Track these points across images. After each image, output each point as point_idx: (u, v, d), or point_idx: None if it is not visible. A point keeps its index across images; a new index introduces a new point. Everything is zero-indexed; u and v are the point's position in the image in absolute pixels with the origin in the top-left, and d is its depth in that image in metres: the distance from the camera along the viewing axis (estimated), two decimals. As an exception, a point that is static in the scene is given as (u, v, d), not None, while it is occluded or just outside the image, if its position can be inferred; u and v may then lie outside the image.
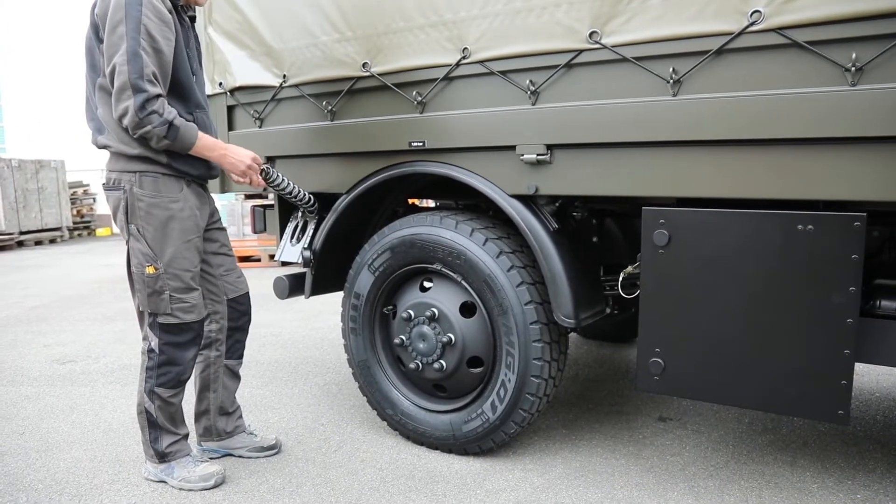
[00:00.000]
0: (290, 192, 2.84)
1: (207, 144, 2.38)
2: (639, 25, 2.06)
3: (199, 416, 2.77)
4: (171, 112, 2.23)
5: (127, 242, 2.42)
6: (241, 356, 2.79)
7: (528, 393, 2.50)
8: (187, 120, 2.33)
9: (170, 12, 2.25)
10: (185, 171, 2.41)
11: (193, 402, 2.76)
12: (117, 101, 2.17)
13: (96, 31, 2.26)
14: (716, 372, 2.13)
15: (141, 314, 2.49)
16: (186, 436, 2.63)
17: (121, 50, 2.12)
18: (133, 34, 2.11)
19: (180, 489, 2.53)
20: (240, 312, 2.73)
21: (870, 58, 1.76)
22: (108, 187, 2.42)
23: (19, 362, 4.37)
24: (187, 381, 2.54)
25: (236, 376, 2.79)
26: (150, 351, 2.45)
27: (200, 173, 2.48)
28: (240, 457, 2.80)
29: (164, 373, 2.45)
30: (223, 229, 2.70)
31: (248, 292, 2.77)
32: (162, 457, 2.55)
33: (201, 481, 2.53)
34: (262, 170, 2.59)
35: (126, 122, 2.19)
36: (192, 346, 2.49)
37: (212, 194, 2.73)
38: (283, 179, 2.77)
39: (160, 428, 2.52)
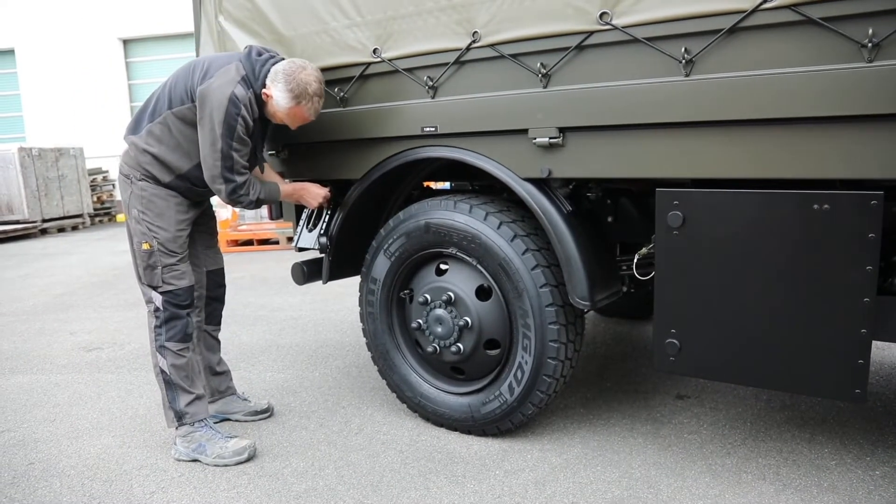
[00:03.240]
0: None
1: (287, 192, 2.92)
2: (650, 5, 2.04)
3: None
4: (254, 191, 2.66)
5: (129, 223, 2.71)
6: (219, 322, 3.09)
7: (545, 374, 2.53)
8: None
9: (254, 121, 2.58)
10: (183, 194, 2.71)
11: None
12: (211, 182, 2.59)
13: (190, 95, 2.56)
14: (732, 352, 2.13)
15: (143, 283, 2.74)
16: (203, 397, 2.77)
17: (217, 146, 2.50)
18: (227, 139, 2.50)
19: (215, 465, 2.64)
20: (216, 284, 3.02)
21: (887, 33, 1.73)
22: (121, 174, 2.72)
23: (47, 350, 4.48)
24: (192, 338, 2.74)
25: (216, 340, 3.09)
26: (156, 310, 2.67)
27: (193, 198, 2.76)
28: (236, 420, 3.06)
29: (171, 327, 2.67)
30: (213, 216, 3.05)
31: (223, 268, 3.07)
32: (180, 416, 2.69)
33: (235, 456, 2.65)
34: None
35: (221, 197, 2.63)
36: (187, 307, 2.72)
37: None
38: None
39: (176, 387, 2.68)
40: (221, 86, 2.48)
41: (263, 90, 2.56)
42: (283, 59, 2.66)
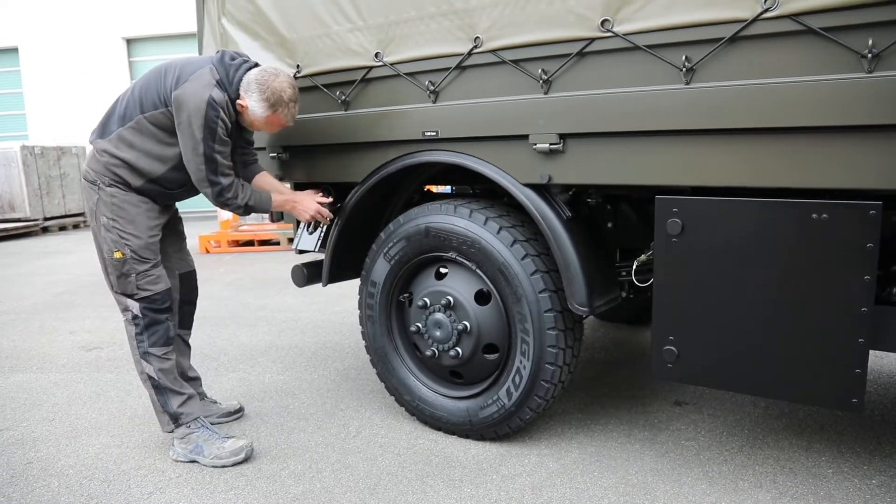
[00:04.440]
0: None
1: (279, 203, 2.87)
2: (651, 13, 2.04)
3: None
4: (244, 196, 2.67)
5: (96, 231, 2.65)
6: (190, 326, 3.06)
7: (543, 380, 2.53)
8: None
9: (232, 123, 2.60)
10: (154, 199, 2.68)
11: None
12: (198, 185, 2.61)
13: (164, 100, 2.53)
14: (729, 360, 2.13)
15: (116, 292, 2.69)
16: (194, 396, 2.78)
17: (199, 150, 2.51)
18: (209, 141, 2.51)
19: (213, 466, 2.64)
20: (189, 287, 3.01)
21: (887, 44, 1.73)
22: (86, 180, 2.65)
23: (47, 349, 4.49)
24: (174, 340, 2.75)
25: (188, 345, 3.06)
26: (135, 317, 2.65)
27: (163, 202, 2.74)
28: (211, 424, 2.97)
29: (153, 332, 2.66)
30: (180, 220, 2.99)
31: (195, 270, 3.06)
32: (175, 418, 2.69)
33: (232, 456, 2.66)
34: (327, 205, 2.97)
35: (210, 200, 2.64)
36: (167, 311, 2.71)
37: None
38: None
39: (166, 390, 2.69)
40: (197, 90, 2.47)
41: (238, 101, 2.57)
42: (256, 64, 2.66)
